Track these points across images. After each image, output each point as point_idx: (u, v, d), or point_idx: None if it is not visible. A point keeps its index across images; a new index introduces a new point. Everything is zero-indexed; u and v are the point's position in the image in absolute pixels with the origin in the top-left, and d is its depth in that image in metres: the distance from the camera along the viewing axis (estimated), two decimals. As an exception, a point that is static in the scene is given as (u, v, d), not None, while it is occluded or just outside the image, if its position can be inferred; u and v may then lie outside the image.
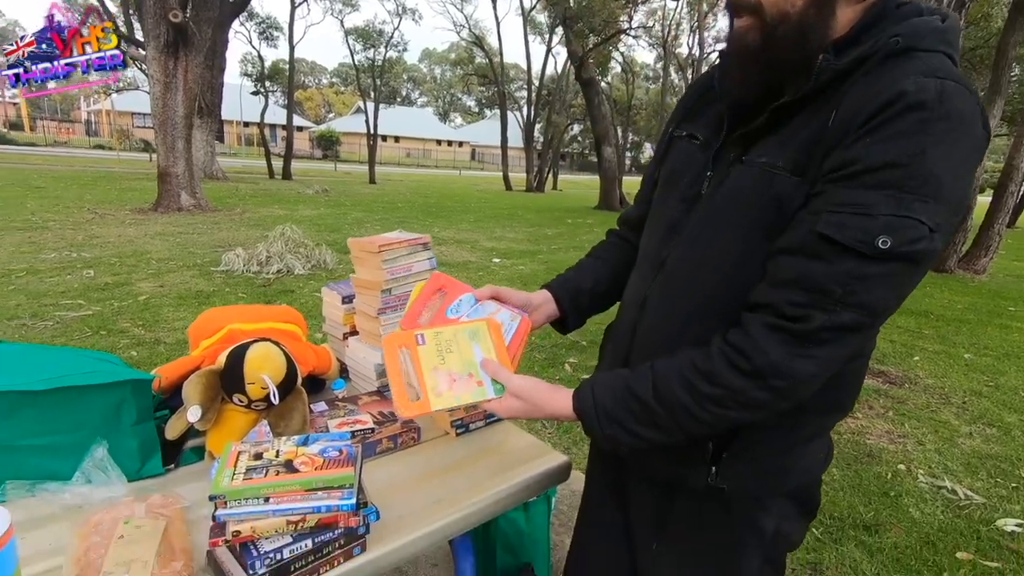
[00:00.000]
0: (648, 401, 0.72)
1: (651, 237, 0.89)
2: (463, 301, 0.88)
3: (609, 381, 0.77)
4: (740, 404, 0.69)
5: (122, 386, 0.90)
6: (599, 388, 0.77)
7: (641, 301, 0.85)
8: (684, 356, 0.73)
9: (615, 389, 0.76)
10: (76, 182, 13.29)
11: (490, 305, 0.90)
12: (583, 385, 0.79)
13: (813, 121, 0.69)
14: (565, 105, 29.78)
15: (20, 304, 4.28)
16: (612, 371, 0.79)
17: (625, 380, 0.76)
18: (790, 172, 0.69)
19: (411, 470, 1.03)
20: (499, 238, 9.13)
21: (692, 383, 0.70)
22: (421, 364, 0.77)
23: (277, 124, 36.78)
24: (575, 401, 0.78)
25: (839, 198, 0.63)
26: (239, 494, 0.69)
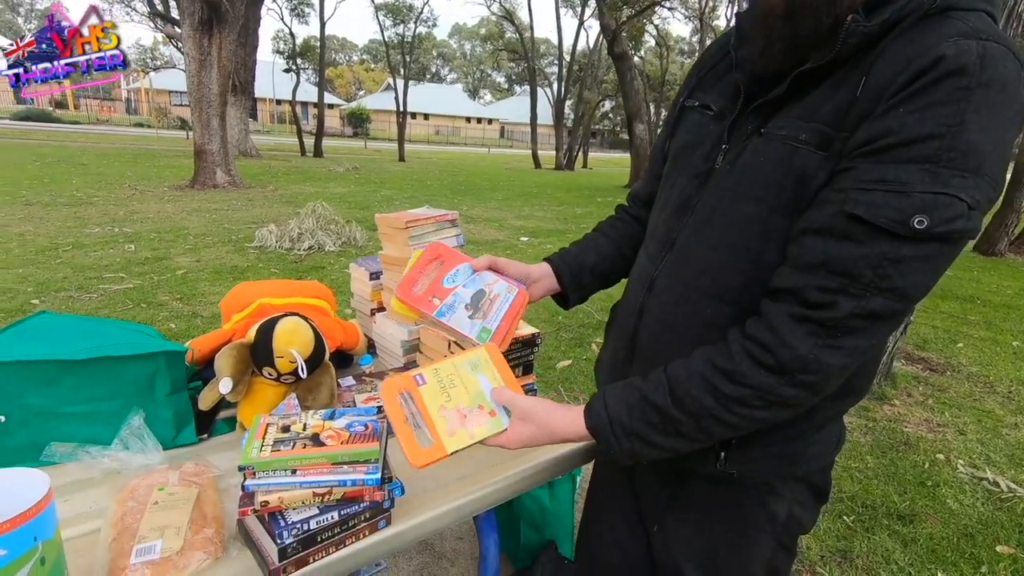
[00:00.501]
0: (668, 409, 0.68)
1: (660, 215, 0.84)
2: (460, 271, 0.87)
3: (621, 393, 0.73)
4: (768, 403, 0.66)
5: (155, 357, 0.92)
6: (612, 401, 0.72)
7: (648, 282, 0.82)
8: (701, 356, 0.69)
9: (629, 401, 0.71)
10: (118, 159, 13.71)
11: (487, 276, 0.88)
12: (593, 401, 0.74)
13: (840, 90, 0.63)
14: (597, 81, 29.15)
15: (67, 277, 4.46)
16: (622, 383, 0.74)
17: (639, 390, 0.71)
18: (814, 146, 0.64)
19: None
20: (527, 217, 9.08)
21: (714, 385, 0.66)
22: (427, 406, 0.72)
23: (308, 102, 37.12)
24: (587, 419, 0.73)
25: (870, 174, 0.59)
26: (267, 465, 0.70)
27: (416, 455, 0.68)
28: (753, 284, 0.70)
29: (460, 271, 0.87)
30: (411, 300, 0.81)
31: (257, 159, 16.00)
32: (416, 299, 0.82)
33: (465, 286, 0.85)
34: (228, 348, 0.97)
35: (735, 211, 0.71)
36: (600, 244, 1.01)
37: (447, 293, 0.84)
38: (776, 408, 0.66)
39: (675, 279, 0.78)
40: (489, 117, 56.29)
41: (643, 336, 0.82)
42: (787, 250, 0.66)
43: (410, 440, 0.69)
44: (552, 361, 3.41)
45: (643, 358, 0.83)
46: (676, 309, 0.77)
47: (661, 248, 0.81)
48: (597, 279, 1.00)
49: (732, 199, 0.72)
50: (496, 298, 0.86)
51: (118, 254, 5.27)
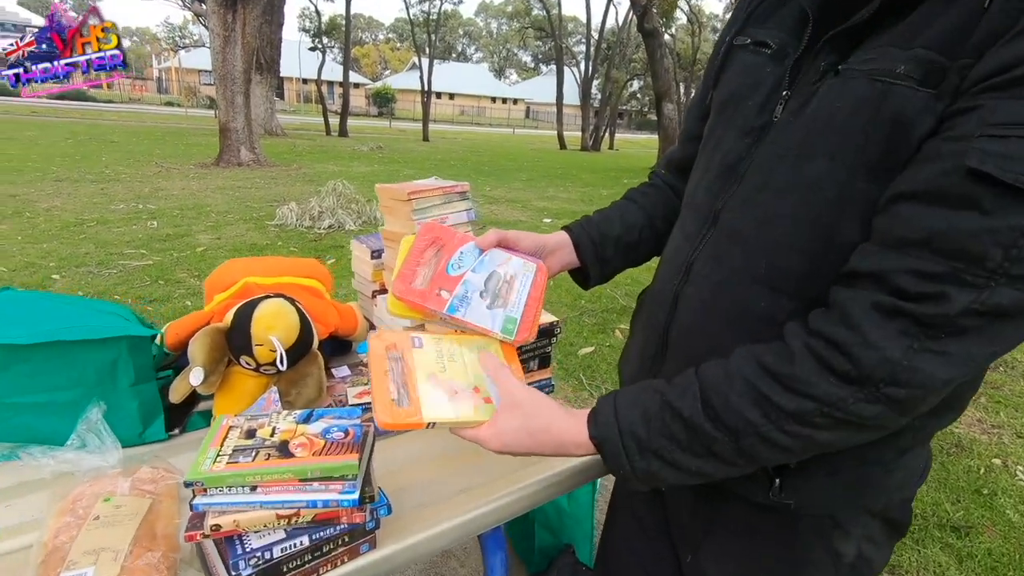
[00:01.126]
0: (699, 423, 0.53)
1: (700, 182, 0.68)
2: (465, 253, 0.72)
3: (638, 397, 0.58)
4: (836, 422, 0.50)
5: (116, 342, 0.80)
6: (625, 407, 0.57)
7: (685, 265, 0.66)
8: (747, 355, 0.54)
9: (648, 407, 0.56)
10: (147, 137, 13.88)
11: (497, 255, 0.73)
12: (600, 405, 0.59)
13: (955, 5, 0.47)
14: (625, 59, 28.40)
15: (89, 252, 4.47)
16: (639, 384, 0.60)
17: (661, 394, 0.56)
18: (917, 81, 0.48)
19: (435, 451, 0.90)
20: (551, 198, 8.87)
21: (763, 394, 0.51)
22: (415, 370, 0.62)
23: (334, 81, 37.10)
24: (591, 426, 0.58)
25: (1004, 114, 0.43)
26: (220, 481, 0.57)
27: (386, 411, 0.56)
28: (823, 269, 0.54)
29: (465, 253, 0.72)
30: (413, 297, 0.65)
31: (282, 138, 16.03)
32: (419, 295, 0.66)
33: (474, 270, 0.70)
34: (202, 333, 0.85)
35: (801, 174, 0.55)
36: (627, 213, 0.84)
37: (455, 283, 0.68)
38: (846, 429, 0.51)
39: (718, 262, 0.62)
40: (514, 97, 55.62)
41: (676, 332, 0.67)
42: (873, 223, 0.50)
43: (385, 395, 0.57)
44: (573, 347, 3.26)
45: (676, 358, 0.68)
46: (719, 300, 0.62)
47: (701, 223, 0.66)
48: (622, 254, 0.84)
49: (796, 159, 0.56)
50: (513, 279, 0.72)
51: (140, 230, 5.27)
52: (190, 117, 23.12)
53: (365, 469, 0.64)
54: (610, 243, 0.81)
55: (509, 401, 0.60)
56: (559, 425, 0.59)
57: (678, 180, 0.84)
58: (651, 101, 24.13)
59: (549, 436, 0.59)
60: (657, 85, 15.52)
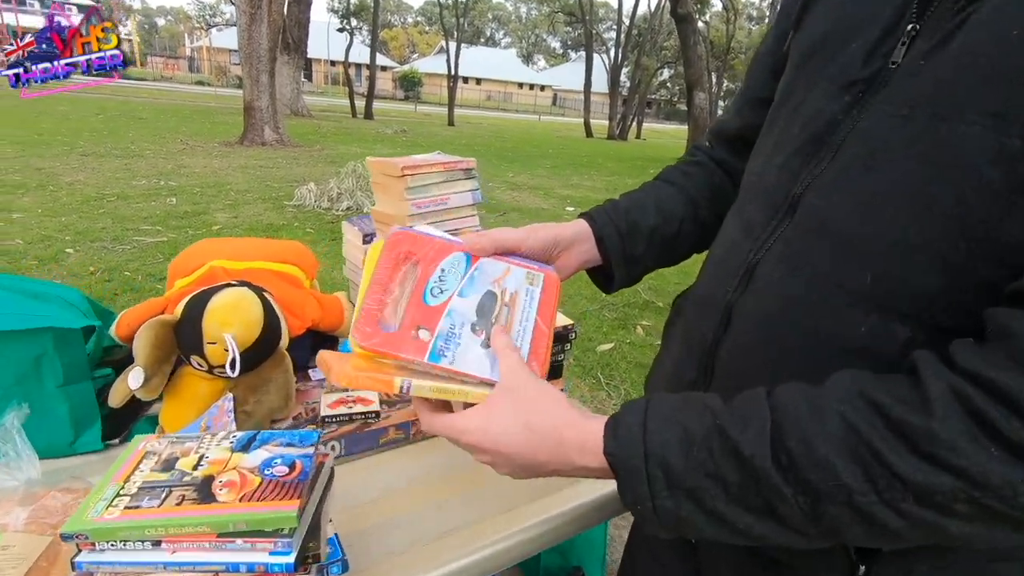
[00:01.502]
0: (763, 469, 0.38)
1: (771, 158, 0.51)
2: (447, 270, 0.52)
3: (679, 412, 0.42)
4: (988, 513, 0.34)
5: (39, 335, 0.67)
6: (658, 423, 0.42)
7: (745, 267, 0.50)
8: (850, 385, 0.38)
9: (691, 430, 0.41)
10: (175, 115, 13.98)
11: (491, 265, 0.54)
12: (626, 411, 0.44)
13: None
14: (656, 47, 27.71)
15: (106, 227, 4.44)
16: (685, 395, 0.45)
17: (714, 416, 0.41)
18: None
19: (421, 476, 0.75)
20: (575, 186, 8.66)
21: (873, 449, 0.35)
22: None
23: (362, 63, 37.06)
24: (608, 437, 0.43)
25: None
26: (112, 533, 0.43)
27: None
28: (967, 284, 0.37)
29: (448, 269, 0.52)
30: (383, 346, 0.47)
31: (308, 119, 16.01)
32: (390, 342, 0.47)
33: (463, 293, 0.51)
34: (146, 326, 0.71)
35: (937, 143, 0.38)
36: (664, 198, 0.67)
37: (436, 315, 0.49)
38: (999, 524, 0.35)
39: (795, 267, 0.45)
40: (542, 83, 54.97)
41: (728, 355, 0.51)
42: None
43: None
44: (592, 343, 3.10)
45: (725, 387, 0.52)
46: (793, 319, 0.45)
47: (770, 213, 0.49)
48: (656, 250, 0.66)
49: (930, 120, 0.38)
50: (515, 298, 0.53)
51: (159, 207, 5.24)
52: (219, 96, 23.30)
53: (312, 517, 0.50)
54: (641, 236, 0.64)
55: (507, 383, 0.47)
56: (565, 420, 0.45)
57: (731, 156, 0.67)
58: (681, 90, 23.54)
59: (550, 433, 0.44)
60: (689, 73, 15.08)
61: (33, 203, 4.96)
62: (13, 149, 7.33)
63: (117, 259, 3.77)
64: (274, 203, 5.74)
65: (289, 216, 5.28)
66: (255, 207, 5.53)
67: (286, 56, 14.16)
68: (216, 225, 4.77)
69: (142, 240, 4.19)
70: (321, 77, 43.58)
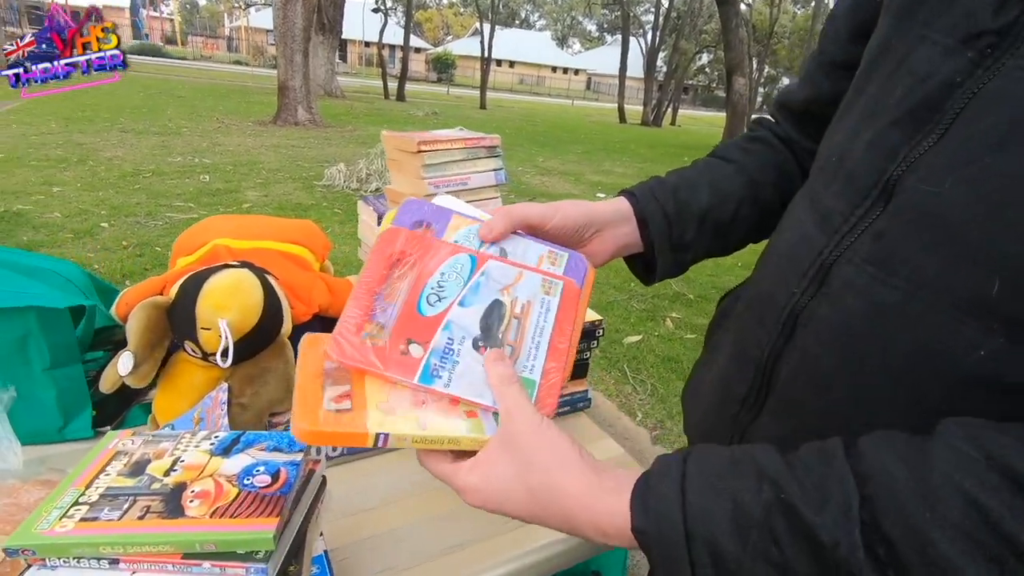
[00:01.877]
0: (851, 564, 0.29)
1: (859, 133, 0.42)
2: (448, 273, 0.43)
3: (726, 479, 0.33)
4: None
5: (22, 314, 0.62)
6: (702, 494, 0.33)
7: (819, 265, 0.40)
8: (970, 441, 0.29)
9: (744, 504, 0.32)
10: (212, 94, 14.20)
11: (504, 270, 0.44)
12: (658, 476, 0.35)
13: None
14: (695, 30, 26.85)
15: (140, 203, 4.51)
16: (730, 451, 0.36)
17: (775, 485, 0.32)
18: None
19: (426, 482, 0.68)
20: (607, 172, 8.47)
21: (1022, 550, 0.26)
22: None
23: (396, 45, 37.01)
24: (637, 511, 0.34)
25: None
26: (63, 551, 0.38)
27: (307, 417, 0.36)
28: None
29: (448, 273, 0.43)
30: (364, 363, 0.39)
31: (341, 100, 16.08)
32: (372, 358, 0.39)
33: (464, 302, 0.42)
34: (138, 308, 0.66)
35: None
36: (720, 177, 0.57)
37: (431, 327, 0.41)
38: None
39: (888, 268, 0.36)
40: (576, 67, 54.10)
41: (790, 371, 0.42)
42: None
43: (310, 397, 0.38)
44: (619, 335, 3.00)
45: (784, 410, 0.43)
46: (884, 334, 0.36)
47: (855, 199, 0.39)
48: (708, 237, 0.56)
49: None
50: (527, 310, 0.44)
51: (192, 184, 5.31)
52: (255, 76, 23.59)
53: (296, 535, 0.43)
54: (692, 220, 0.54)
55: (505, 433, 0.38)
56: (576, 487, 0.36)
57: (798, 133, 0.57)
58: (720, 76, 22.82)
59: (557, 503, 0.36)
60: (729, 57, 14.57)
61: (73, 177, 5.08)
62: (58, 124, 7.53)
63: (149, 234, 3.82)
64: (304, 183, 5.76)
65: (318, 196, 5.29)
66: (285, 186, 5.56)
67: (321, 36, 14.19)
68: (247, 203, 4.80)
69: (174, 216, 4.23)
70: (355, 58, 43.74)
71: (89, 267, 3.21)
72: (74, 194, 4.58)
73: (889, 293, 0.36)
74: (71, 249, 3.42)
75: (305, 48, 9.79)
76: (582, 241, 0.52)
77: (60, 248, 3.43)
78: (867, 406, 0.37)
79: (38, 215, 3.96)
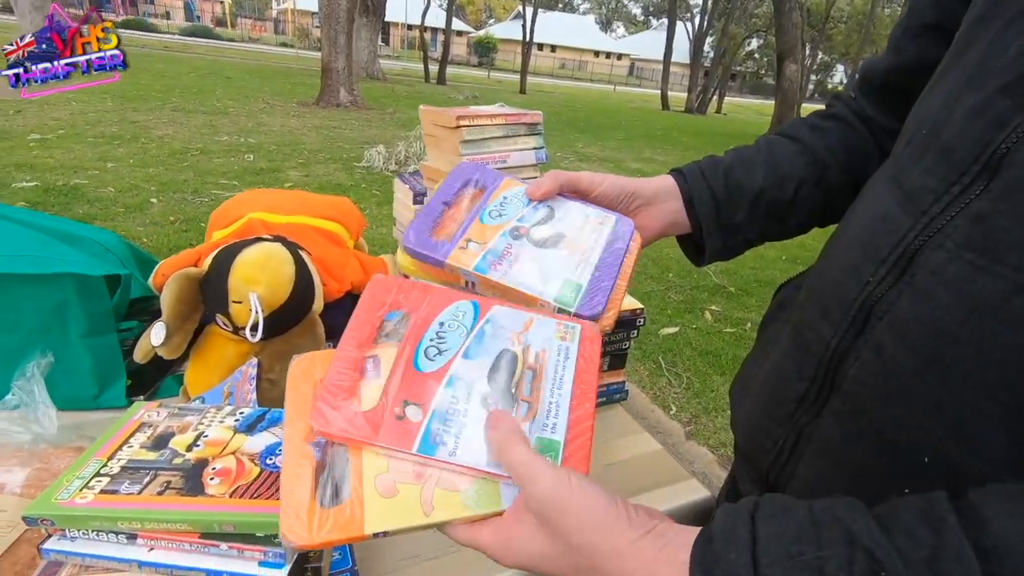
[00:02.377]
0: None
1: (956, 100, 0.36)
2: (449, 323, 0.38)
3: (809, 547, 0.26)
4: None
5: (59, 280, 0.63)
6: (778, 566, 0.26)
7: (901, 252, 0.36)
8: None
9: None
10: (258, 75, 14.50)
11: (512, 316, 0.40)
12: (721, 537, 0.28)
13: None
14: (746, 14, 25.85)
15: (187, 180, 4.65)
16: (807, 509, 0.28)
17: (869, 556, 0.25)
18: None
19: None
20: (648, 160, 8.28)
21: None
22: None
23: (438, 28, 36.97)
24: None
25: None
26: (81, 521, 0.37)
27: (295, 518, 0.31)
28: None
29: (448, 323, 0.38)
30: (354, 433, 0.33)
31: (382, 82, 16.18)
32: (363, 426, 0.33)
33: (468, 354, 0.37)
34: (171, 279, 0.65)
35: None
36: (780, 156, 0.53)
37: (432, 386, 0.35)
38: None
39: (992, 255, 0.31)
40: (619, 52, 52.97)
41: (862, 372, 0.38)
42: None
43: (297, 491, 0.32)
44: (655, 326, 2.93)
45: (849, 416, 0.39)
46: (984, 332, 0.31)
47: (951, 175, 0.34)
48: (762, 219, 0.52)
49: None
50: (542, 359, 0.38)
51: (237, 162, 5.44)
52: (301, 58, 23.95)
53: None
54: (743, 200, 0.51)
55: (536, 508, 0.31)
56: (625, 566, 0.29)
57: (879, 111, 0.51)
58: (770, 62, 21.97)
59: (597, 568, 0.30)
60: (781, 42, 13.98)
61: (126, 154, 5.26)
62: (115, 103, 7.81)
63: (195, 211, 3.93)
64: (344, 164, 5.83)
65: (358, 177, 5.35)
66: (326, 167, 5.63)
67: (364, 18, 14.26)
68: (288, 183, 4.89)
69: (219, 194, 4.34)
70: (398, 41, 43.93)
71: (138, 241, 3.33)
72: (127, 170, 4.75)
73: (990, 284, 0.31)
74: (122, 223, 3.55)
75: (349, 30, 9.86)
76: (628, 212, 0.50)
77: (112, 221, 3.56)
78: (952, 420, 0.32)
79: (93, 189, 4.12)
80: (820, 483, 0.41)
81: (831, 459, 0.40)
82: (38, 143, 5.19)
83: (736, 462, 0.57)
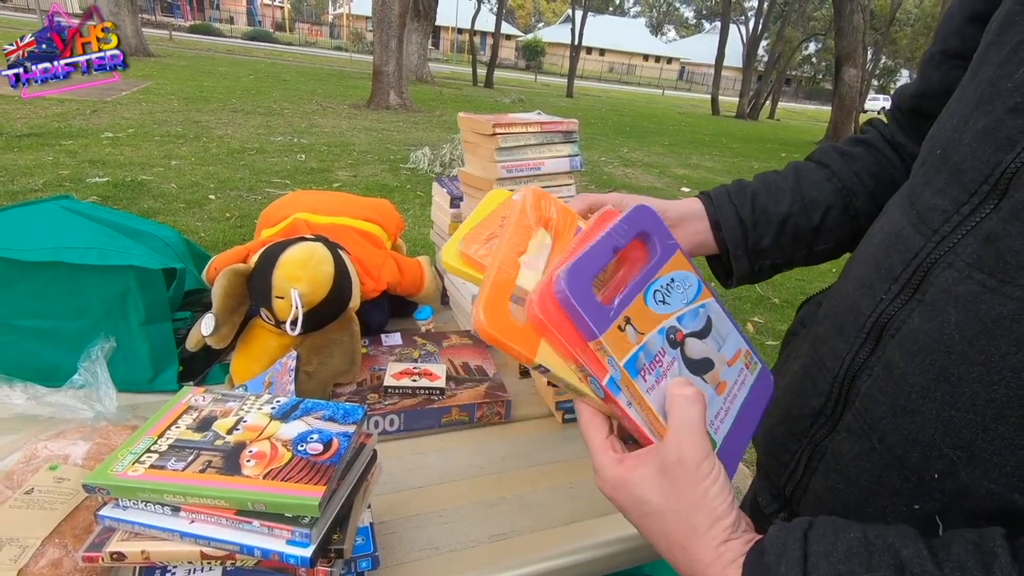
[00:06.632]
0: None
1: (966, 122, 0.36)
2: (679, 283, 0.38)
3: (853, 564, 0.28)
4: None
5: (123, 272, 0.68)
6: None
7: (914, 269, 0.36)
8: None
9: None
10: (313, 78, 15.01)
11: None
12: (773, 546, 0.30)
13: None
14: (804, 16, 25.01)
15: (243, 178, 4.87)
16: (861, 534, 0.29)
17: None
18: None
19: (481, 465, 0.68)
20: (694, 166, 8.12)
21: None
22: None
23: (487, 31, 37.36)
24: None
25: None
26: (132, 492, 0.41)
27: (494, 316, 0.32)
28: None
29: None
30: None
31: (431, 85, 16.48)
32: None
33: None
34: (222, 274, 0.70)
35: None
36: (809, 182, 0.53)
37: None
38: None
39: (1002, 275, 0.31)
40: (669, 56, 52.17)
41: (874, 388, 0.38)
42: None
43: (502, 288, 0.34)
44: (693, 336, 2.88)
45: (862, 430, 0.38)
46: (994, 353, 0.31)
47: (961, 195, 0.34)
48: (788, 244, 0.53)
49: None
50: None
51: (290, 162, 5.65)
52: (354, 61, 24.68)
53: (342, 505, 0.44)
54: (770, 226, 0.51)
55: (670, 453, 0.32)
56: (699, 545, 0.31)
57: (907, 136, 0.51)
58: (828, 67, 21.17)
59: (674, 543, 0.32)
60: (841, 45, 13.46)
61: (189, 152, 5.56)
62: (180, 104, 8.26)
63: (249, 207, 4.11)
64: (391, 165, 5.97)
65: (403, 179, 5.47)
66: (373, 168, 5.79)
67: (415, 23, 14.57)
68: (337, 183, 5.05)
69: (272, 192, 4.53)
70: (448, 45, 44.62)
71: (196, 235, 3.51)
72: (189, 168, 5.01)
73: (1000, 304, 0.30)
74: (182, 218, 3.75)
75: (400, 34, 10.10)
76: None
77: (173, 216, 3.76)
78: (961, 438, 0.32)
79: (157, 185, 4.37)
80: (832, 498, 0.40)
81: (843, 474, 0.39)
82: (110, 141, 5.54)
83: (756, 476, 0.56)
